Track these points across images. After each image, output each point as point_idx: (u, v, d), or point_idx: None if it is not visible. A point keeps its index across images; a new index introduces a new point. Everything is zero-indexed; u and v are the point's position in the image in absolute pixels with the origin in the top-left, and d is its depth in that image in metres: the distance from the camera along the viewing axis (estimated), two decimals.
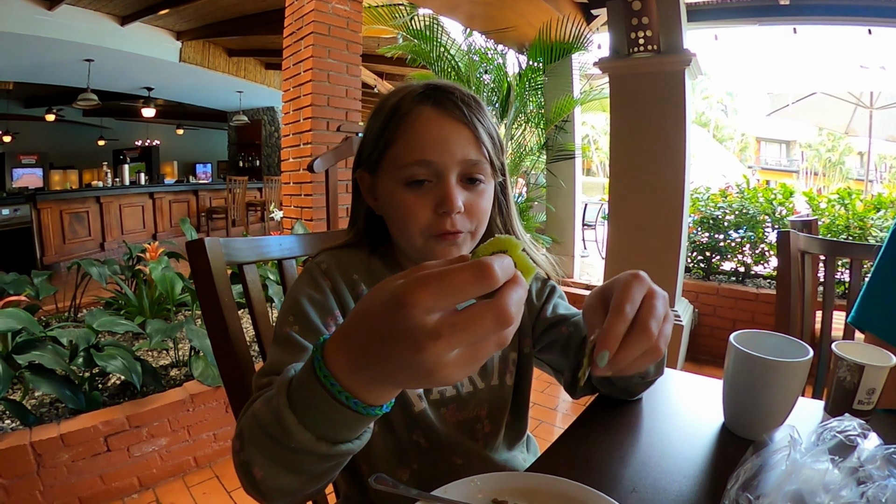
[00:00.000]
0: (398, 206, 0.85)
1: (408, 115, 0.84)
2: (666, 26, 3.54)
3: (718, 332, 4.40)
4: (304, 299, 0.85)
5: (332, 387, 0.51)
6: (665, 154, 3.68)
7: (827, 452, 0.63)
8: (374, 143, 0.87)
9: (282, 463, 0.60)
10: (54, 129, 11.36)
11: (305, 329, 0.83)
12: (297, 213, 4.59)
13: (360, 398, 0.51)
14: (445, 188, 0.82)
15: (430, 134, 0.83)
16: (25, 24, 6.00)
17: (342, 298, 0.89)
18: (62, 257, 7.50)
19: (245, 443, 0.63)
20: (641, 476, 0.81)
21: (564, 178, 5.30)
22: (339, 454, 0.57)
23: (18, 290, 3.38)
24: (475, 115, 0.85)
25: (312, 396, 0.53)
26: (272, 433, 0.57)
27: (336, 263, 0.92)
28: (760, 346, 0.90)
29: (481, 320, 0.43)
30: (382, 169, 0.87)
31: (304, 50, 4.33)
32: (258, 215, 10.65)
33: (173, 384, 2.82)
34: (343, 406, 0.51)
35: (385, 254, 0.97)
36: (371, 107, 0.93)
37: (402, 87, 0.89)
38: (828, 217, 4.31)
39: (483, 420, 0.99)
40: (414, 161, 0.82)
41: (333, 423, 0.54)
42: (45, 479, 2.27)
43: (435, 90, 0.85)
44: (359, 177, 0.94)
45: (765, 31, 6.18)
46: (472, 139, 0.84)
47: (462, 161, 0.83)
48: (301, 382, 0.55)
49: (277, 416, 0.56)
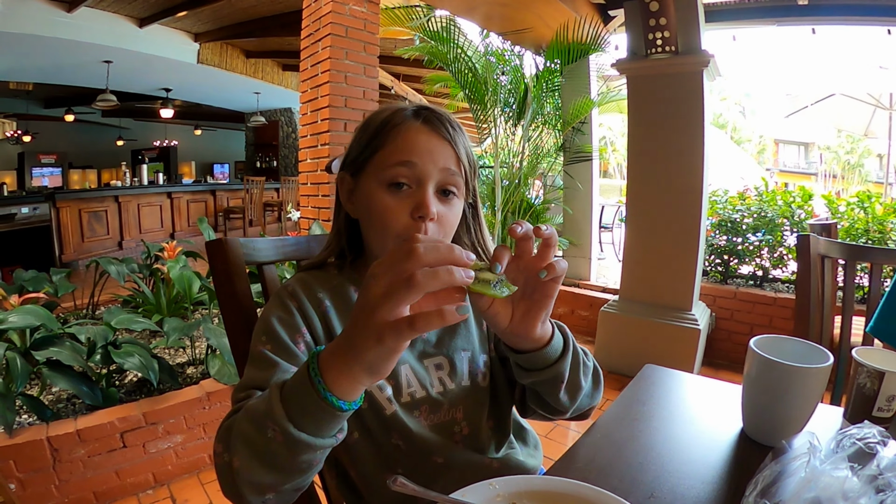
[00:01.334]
0: (377, 207, 0.90)
1: (398, 126, 0.91)
2: (684, 27, 3.52)
3: (736, 336, 4.36)
4: (273, 320, 0.90)
5: (313, 370, 0.62)
6: (683, 156, 3.66)
7: (846, 460, 0.63)
8: (362, 148, 0.94)
9: (257, 453, 0.66)
10: (73, 130, 11.51)
11: (276, 347, 0.87)
12: (315, 213, 4.60)
13: (328, 384, 0.61)
14: (423, 195, 0.88)
15: (417, 142, 0.89)
16: (45, 26, 6.08)
17: (307, 316, 0.93)
18: (81, 255, 7.58)
19: (229, 441, 0.70)
20: (660, 481, 0.81)
21: (581, 179, 5.29)
22: (302, 443, 0.64)
23: (37, 287, 3.41)
24: (458, 136, 0.93)
25: (298, 382, 0.63)
26: (257, 417, 0.66)
27: (302, 285, 0.96)
28: (780, 352, 0.90)
29: (398, 258, 0.56)
30: (366, 171, 0.93)
31: (322, 51, 4.35)
32: (275, 215, 10.70)
33: (190, 382, 2.84)
34: (313, 389, 0.61)
35: (354, 266, 1.02)
36: None
37: (389, 107, 0.95)
38: (847, 221, 4.25)
39: (460, 422, 1.00)
40: (399, 161, 0.88)
41: (303, 406, 0.63)
42: (60, 474, 2.29)
43: (426, 110, 0.93)
44: (340, 179, 1.00)
45: (783, 31, 6.12)
46: (454, 155, 0.91)
47: (442, 169, 0.90)
48: (295, 376, 0.65)
49: (267, 398, 0.66)
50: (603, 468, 0.85)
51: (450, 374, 1.01)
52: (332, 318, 0.95)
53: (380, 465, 0.95)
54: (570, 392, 0.89)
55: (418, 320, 0.55)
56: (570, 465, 0.86)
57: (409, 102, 0.97)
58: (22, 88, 9.07)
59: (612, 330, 4.05)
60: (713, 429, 0.99)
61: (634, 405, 1.08)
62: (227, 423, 0.73)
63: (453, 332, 1.03)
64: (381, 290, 0.56)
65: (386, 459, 0.95)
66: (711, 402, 1.13)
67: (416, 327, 0.55)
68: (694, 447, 0.92)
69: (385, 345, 0.56)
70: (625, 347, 3.94)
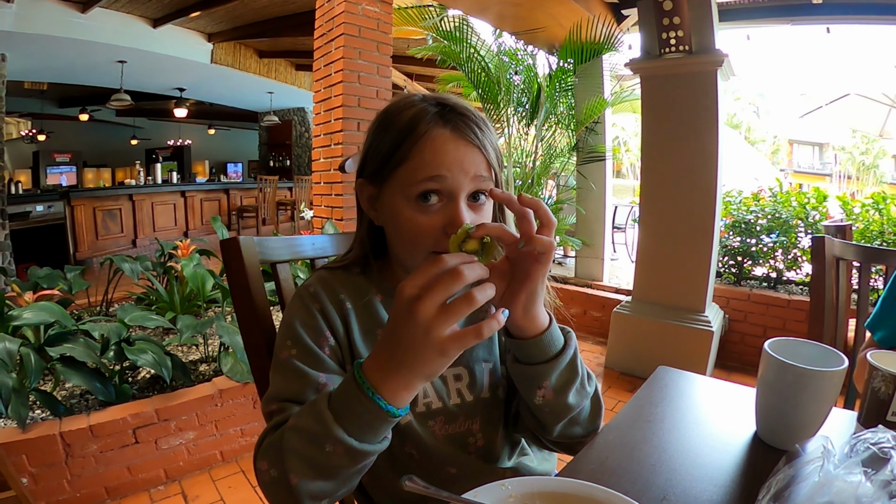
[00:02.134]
0: (406, 224, 0.85)
1: (424, 135, 0.84)
2: (697, 26, 3.49)
3: (749, 338, 4.33)
4: (297, 324, 0.89)
5: (364, 385, 0.66)
6: (697, 156, 3.63)
7: (860, 465, 0.62)
8: (384, 159, 0.87)
9: (316, 467, 0.71)
10: (88, 129, 11.59)
11: (302, 352, 0.87)
12: (328, 212, 4.61)
13: (385, 398, 0.66)
14: (455, 209, 0.83)
15: (446, 154, 0.83)
16: (59, 27, 6.12)
17: (329, 319, 0.91)
18: (95, 253, 7.65)
19: (280, 457, 0.73)
20: (672, 484, 0.80)
21: (595, 179, 5.26)
22: (364, 452, 0.69)
23: (52, 284, 3.44)
24: (486, 136, 0.87)
25: (349, 399, 0.67)
26: (311, 436, 0.70)
27: (324, 285, 0.94)
28: (795, 355, 0.89)
29: (442, 279, 0.61)
30: (390, 184, 0.88)
31: (335, 51, 4.35)
32: (288, 214, 10.74)
33: (202, 379, 2.85)
34: (372, 404, 0.66)
35: (378, 268, 0.99)
36: None
37: (409, 102, 0.89)
38: (862, 222, 4.21)
39: (475, 434, 0.99)
40: (428, 176, 0.83)
41: (363, 421, 0.67)
42: (72, 469, 2.31)
43: (451, 112, 0.86)
44: (360, 186, 0.95)
45: (797, 30, 6.07)
46: (484, 161, 0.86)
47: (473, 178, 0.84)
48: (341, 389, 0.70)
49: (318, 417, 0.69)
50: (615, 470, 0.84)
51: (469, 385, 0.99)
52: (352, 321, 0.93)
53: (392, 471, 0.95)
54: (557, 409, 0.89)
55: (483, 328, 0.61)
56: (583, 467, 0.85)
57: (425, 97, 0.91)
58: (37, 88, 9.13)
59: (624, 331, 4.03)
60: (726, 432, 0.98)
61: (647, 407, 1.07)
62: (272, 442, 0.76)
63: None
64: (435, 310, 0.61)
65: (398, 467, 0.95)
66: (725, 404, 1.12)
67: (481, 334, 0.62)
68: (707, 450, 0.91)
69: (449, 356, 0.63)
70: (637, 349, 3.92)
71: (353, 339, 0.92)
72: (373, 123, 0.93)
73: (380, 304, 0.96)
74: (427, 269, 0.63)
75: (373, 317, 0.95)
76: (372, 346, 0.92)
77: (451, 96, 0.90)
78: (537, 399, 0.88)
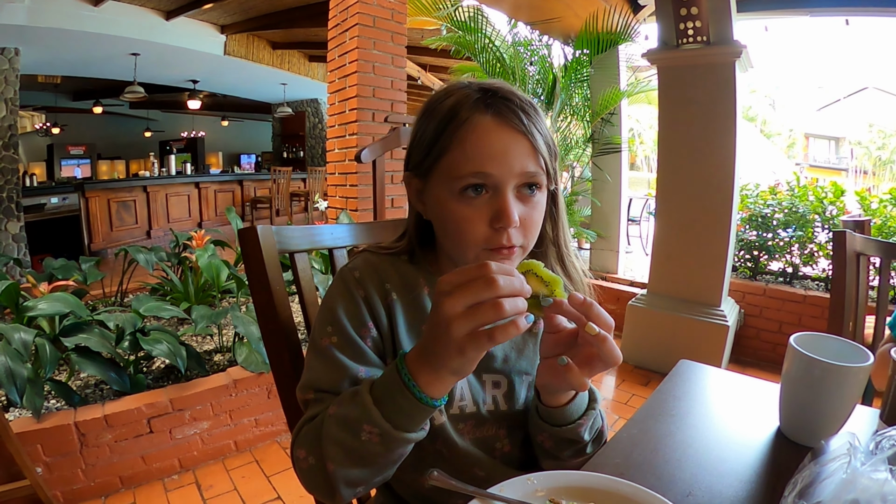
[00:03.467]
0: (452, 218, 0.82)
1: (465, 123, 0.80)
2: (715, 17, 3.44)
3: (764, 334, 4.29)
4: (340, 310, 0.88)
5: (402, 371, 0.69)
6: (714, 149, 3.59)
7: (885, 462, 0.61)
8: (427, 148, 0.84)
9: (353, 453, 0.73)
10: (102, 121, 11.67)
11: (343, 342, 0.86)
12: (343, 203, 4.62)
13: (421, 387, 0.69)
14: (502, 202, 0.79)
15: (489, 145, 0.79)
16: (72, 20, 6.16)
17: (374, 309, 0.89)
18: (109, 244, 7.70)
19: (318, 445, 0.76)
20: (697, 479, 0.80)
21: (610, 171, 5.23)
22: (399, 439, 0.71)
23: (67, 275, 3.46)
24: (533, 123, 0.82)
25: (389, 385, 0.70)
26: (349, 421, 0.72)
27: (370, 271, 0.92)
28: (819, 350, 0.88)
29: (476, 283, 0.62)
30: (434, 176, 0.85)
31: (350, 41, 4.35)
32: (302, 205, 10.78)
33: (217, 369, 2.86)
34: (409, 391, 0.69)
35: (426, 259, 0.97)
36: (416, 99, 0.93)
37: (454, 88, 0.86)
38: (879, 218, 4.16)
39: (502, 439, 0.97)
40: (471, 172, 0.79)
41: (399, 408, 0.70)
42: (87, 458, 2.33)
43: (493, 96, 0.82)
44: (407, 179, 0.92)
45: (815, 22, 6.00)
46: (531, 149, 0.81)
47: (520, 173, 0.80)
48: (384, 377, 0.72)
49: (358, 402, 0.72)
50: (640, 464, 0.83)
51: (506, 394, 0.97)
52: (397, 314, 0.91)
53: (419, 467, 0.92)
54: (554, 452, 0.92)
55: (497, 333, 0.62)
56: (608, 461, 0.84)
57: (470, 82, 0.87)
58: (50, 82, 9.20)
59: (639, 324, 4.00)
60: (750, 427, 0.97)
61: (670, 401, 1.06)
62: (310, 431, 0.79)
63: (521, 351, 0.99)
64: (460, 310, 0.62)
65: (426, 463, 0.92)
66: (746, 399, 1.11)
67: (495, 339, 0.62)
68: (731, 445, 0.91)
69: (467, 356, 0.64)
70: (652, 342, 3.89)
71: (398, 332, 0.90)
72: (418, 112, 0.90)
73: (427, 297, 0.94)
74: (467, 269, 0.64)
75: (419, 311, 0.93)
76: (416, 340, 0.90)
77: (497, 81, 0.86)
78: (538, 439, 0.93)
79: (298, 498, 2.41)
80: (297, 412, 1.02)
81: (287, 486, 2.50)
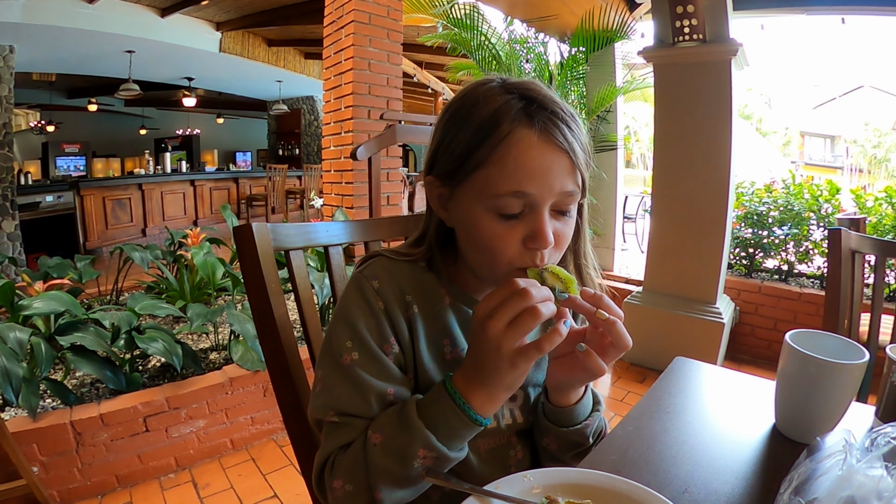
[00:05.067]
0: (483, 235, 0.78)
1: (507, 137, 0.74)
2: (712, 15, 3.44)
3: (760, 331, 4.31)
4: (360, 325, 0.82)
5: (455, 395, 0.72)
6: (710, 147, 3.59)
7: (881, 459, 0.61)
8: (460, 159, 0.78)
9: (403, 480, 0.74)
10: (97, 119, 11.67)
11: (366, 359, 0.81)
12: (338, 200, 4.62)
13: (475, 408, 0.72)
14: (539, 223, 0.76)
15: (531, 163, 0.74)
16: (67, 17, 6.15)
17: (395, 323, 0.84)
18: (105, 242, 7.68)
19: (361, 474, 0.74)
20: (693, 476, 0.80)
21: (606, 169, 5.24)
22: (453, 460, 0.74)
23: (62, 273, 3.45)
24: (576, 138, 0.77)
25: (442, 409, 0.73)
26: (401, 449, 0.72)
27: (388, 280, 0.86)
28: (815, 347, 0.89)
29: (511, 298, 0.68)
30: (465, 188, 0.79)
31: (345, 38, 4.35)
32: (297, 203, 10.78)
33: (213, 367, 2.86)
34: (464, 414, 0.72)
35: (445, 266, 0.91)
36: (412, 96, 0.91)
37: (489, 92, 0.79)
38: (874, 216, 4.17)
39: (515, 446, 0.96)
40: (509, 192, 0.74)
41: (453, 430, 0.72)
42: (83, 457, 2.32)
43: (538, 109, 0.75)
44: (429, 183, 0.86)
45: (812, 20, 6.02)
46: (571, 167, 0.77)
47: (559, 193, 0.76)
48: (432, 401, 0.74)
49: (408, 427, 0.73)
50: (636, 461, 0.84)
51: (522, 406, 0.96)
52: (419, 328, 0.86)
53: None
54: (556, 454, 0.94)
55: (544, 343, 0.68)
56: (605, 458, 0.84)
57: (506, 85, 0.80)
58: (45, 79, 9.19)
59: (635, 321, 4.00)
60: (745, 424, 0.98)
61: (666, 398, 1.06)
62: (347, 461, 0.76)
63: (538, 364, 0.95)
64: (504, 327, 0.67)
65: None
66: (742, 396, 1.11)
67: (542, 349, 0.68)
68: (726, 442, 0.91)
69: (519, 368, 0.69)
70: (648, 339, 3.90)
71: (419, 347, 0.86)
72: (444, 114, 0.84)
73: (449, 309, 0.89)
74: (499, 291, 0.70)
75: (440, 324, 0.88)
76: (436, 355, 0.88)
77: (536, 84, 0.80)
78: (543, 442, 0.94)
79: (295, 496, 2.41)
80: (293, 410, 1.02)
81: (283, 484, 2.50)
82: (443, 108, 0.86)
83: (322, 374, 0.82)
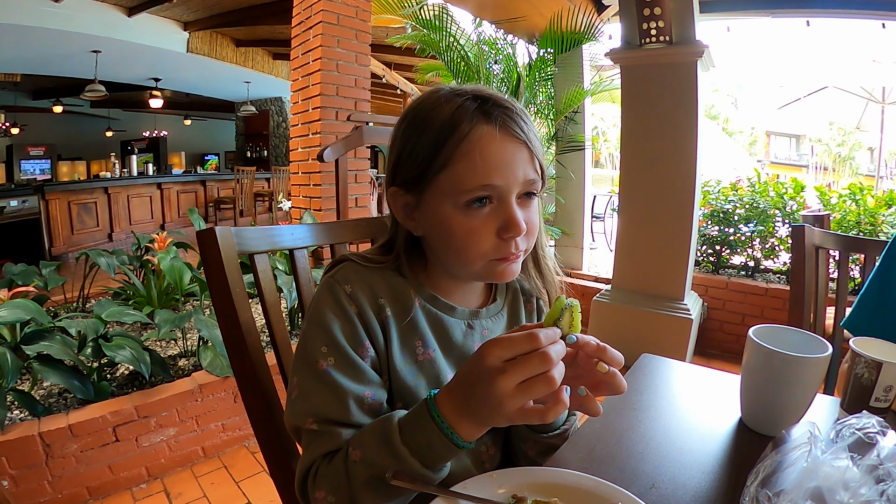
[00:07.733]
0: (457, 232, 0.80)
1: (469, 135, 0.78)
2: (678, 17, 3.49)
3: (727, 326, 4.38)
4: (335, 329, 0.82)
5: (443, 425, 0.69)
6: (676, 146, 3.64)
7: (846, 450, 0.63)
8: (424, 162, 0.81)
9: (387, 495, 0.73)
10: (62, 121, 11.44)
11: (342, 363, 0.81)
12: (306, 203, 4.59)
13: (461, 436, 0.69)
14: (509, 212, 0.79)
15: (496, 156, 0.78)
16: (32, 16, 6.01)
17: (369, 327, 0.85)
18: (70, 248, 7.51)
19: (343, 487, 0.74)
20: (660, 471, 0.81)
21: (574, 169, 5.28)
22: (436, 480, 0.73)
23: (27, 280, 3.38)
24: (531, 129, 0.82)
25: (426, 434, 0.70)
26: (384, 469, 0.71)
27: (361, 283, 0.86)
28: (779, 342, 0.90)
29: (531, 360, 0.63)
30: (432, 190, 0.82)
31: (313, 39, 4.32)
32: (266, 205, 10.65)
33: (182, 374, 2.83)
34: (450, 441, 0.69)
35: (414, 270, 0.92)
36: (380, 97, 0.90)
37: (443, 97, 0.83)
38: (839, 212, 4.26)
39: (486, 443, 0.97)
40: (478, 185, 0.77)
41: (438, 455, 0.70)
42: (53, 470, 2.27)
43: (493, 106, 0.80)
44: (392, 196, 0.87)
45: (777, 23, 6.12)
46: (530, 156, 0.81)
47: (523, 181, 0.80)
48: (415, 424, 0.71)
49: (393, 452, 0.71)
50: (604, 458, 0.85)
51: None
52: (392, 332, 0.87)
53: None
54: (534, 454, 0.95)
55: (548, 414, 0.66)
56: (571, 456, 0.86)
57: (455, 90, 0.84)
58: (9, 80, 8.98)
59: (604, 319, 4.05)
60: (712, 418, 0.99)
61: (632, 394, 1.08)
62: (330, 472, 0.76)
63: None
64: (514, 387, 0.63)
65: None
66: (708, 391, 1.13)
67: (546, 419, 0.66)
68: (693, 437, 0.93)
69: (514, 422, 0.67)
70: (617, 337, 3.93)
71: (392, 351, 0.87)
72: (401, 125, 0.86)
73: (419, 311, 0.90)
74: (517, 342, 0.65)
75: (412, 326, 0.89)
76: (409, 357, 0.88)
77: (484, 87, 0.85)
78: (522, 447, 0.96)
79: (269, 502, 2.39)
80: (262, 417, 1.01)
81: (257, 490, 2.48)
82: (398, 120, 0.87)
83: (298, 381, 0.82)
